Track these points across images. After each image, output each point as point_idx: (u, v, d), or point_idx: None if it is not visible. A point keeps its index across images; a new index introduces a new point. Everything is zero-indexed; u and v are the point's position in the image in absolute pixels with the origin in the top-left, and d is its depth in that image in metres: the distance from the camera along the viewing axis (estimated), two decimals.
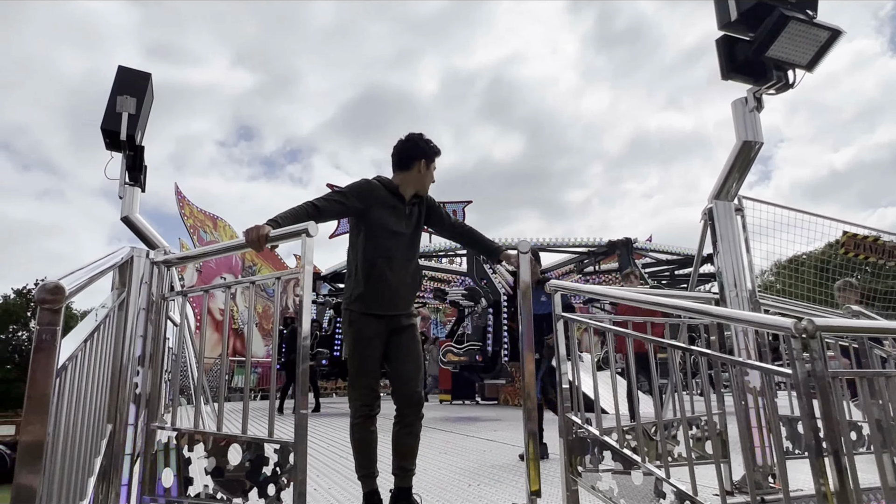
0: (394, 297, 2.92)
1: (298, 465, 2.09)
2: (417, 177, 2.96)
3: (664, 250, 11.97)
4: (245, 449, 2.27)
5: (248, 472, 2.24)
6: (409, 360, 2.94)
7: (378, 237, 2.88)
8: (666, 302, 2.57)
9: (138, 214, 5.47)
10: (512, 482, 3.80)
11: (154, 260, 2.65)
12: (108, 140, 5.47)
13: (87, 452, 1.76)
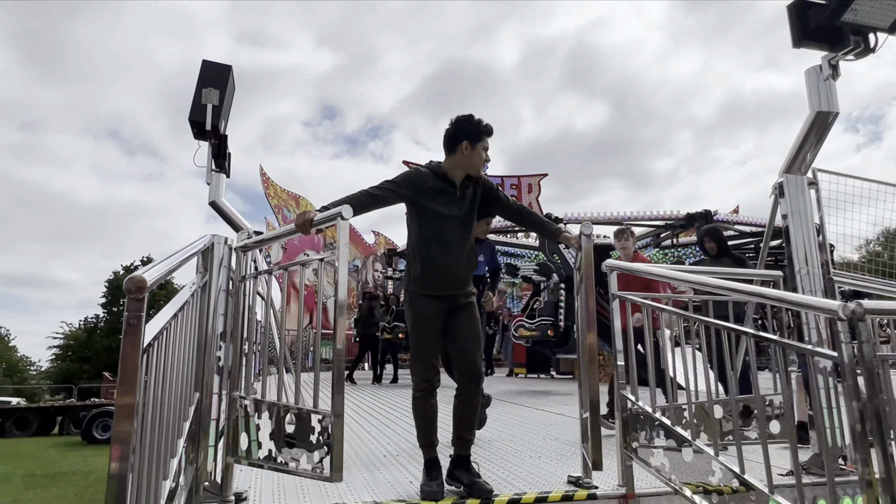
0: (449, 278, 3.02)
1: (335, 433, 2.25)
2: (462, 159, 3.00)
3: (750, 222, 11.43)
4: (296, 417, 2.48)
5: (299, 438, 2.44)
6: (468, 337, 3.03)
7: (430, 222, 2.98)
8: (710, 282, 2.55)
9: (224, 199, 5.88)
10: (575, 456, 3.90)
11: (231, 245, 2.91)
12: (196, 130, 5.90)
13: (176, 417, 2.03)
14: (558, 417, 5.91)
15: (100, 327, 44.19)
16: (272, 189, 16.26)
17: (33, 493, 9.08)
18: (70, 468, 11.70)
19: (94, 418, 17.23)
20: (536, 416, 6.00)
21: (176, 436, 2.01)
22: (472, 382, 3.01)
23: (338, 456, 2.30)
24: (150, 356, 1.52)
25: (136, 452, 1.40)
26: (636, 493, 2.94)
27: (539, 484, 3.12)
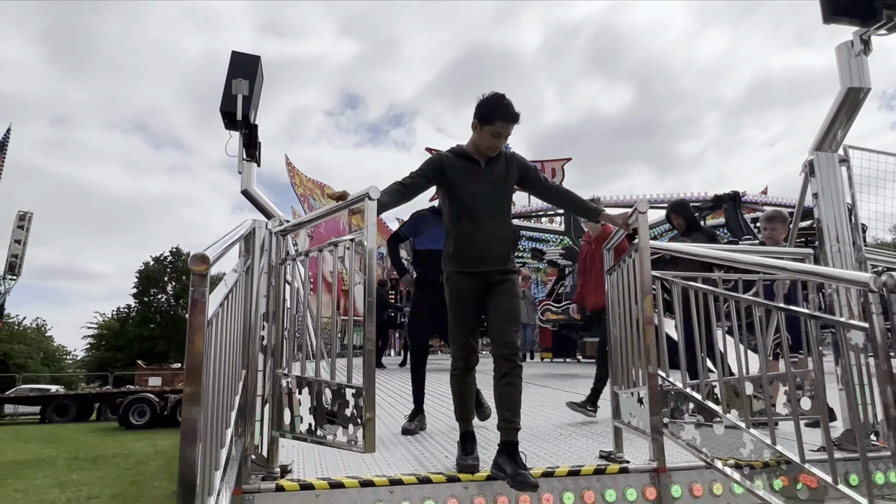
0: (483, 254, 3.00)
1: (367, 406, 2.34)
2: (474, 138, 3.02)
3: (779, 203, 11.27)
4: (333, 392, 2.59)
5: (335, 412, 2.55)
6: (504, 315, 2.99)
7: (459, 200, 3.02)
8: (744, 258, 2.59)
9: (255, 187, 6.02)
10: (604, 434, 3.97)
11: (271, 230, 3.02)
12: (227, 120, 6.03)
13: (229, 391, 2.15)
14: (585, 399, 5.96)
15: (131, 317, 45.30)
16: (298, 178, 16.48)
17: (77, 474, 9.45)
18: (110, 451, 12.11)
19: (130, 404, 17.74)
20: (564, 398, 6.06)
21: (229, 409, 2.13)
22: (510, 361, 2.94)
23: (370, 428, 2.40)
24: (211, 331, 1.63)
25: (202, 417, 1.51)
26: (667, 468, 3.01)
27: (571, 459, 3.20)
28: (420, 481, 2.75)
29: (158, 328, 44.76)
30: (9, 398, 22.07)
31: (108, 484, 8.60)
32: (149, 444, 13.43)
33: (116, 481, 8.80)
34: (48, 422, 20.04)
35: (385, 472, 2.89)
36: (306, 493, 2.62)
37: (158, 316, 45.88)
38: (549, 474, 2.88)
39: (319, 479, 2.70)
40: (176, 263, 47.37)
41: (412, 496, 2.72)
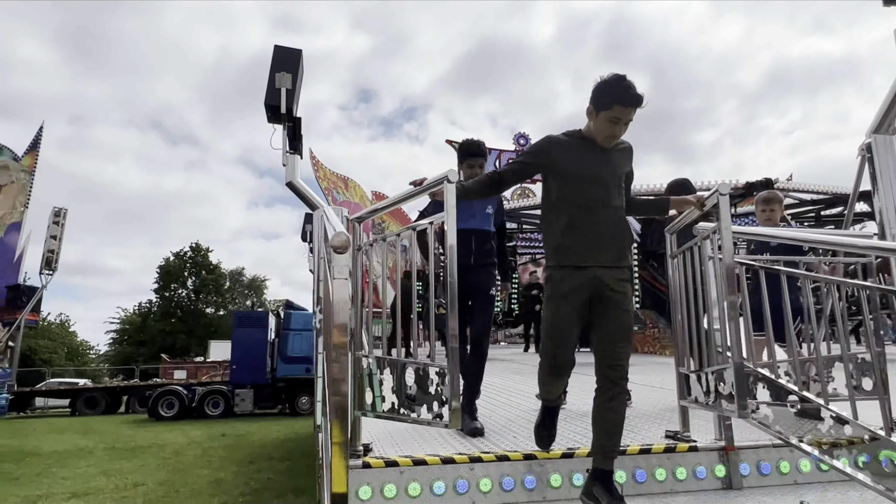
0: (597, 247, 2.61)
1: (452, 385, 2.42)
2: (589, 126, 2.69)
3: (809, 189, 11.20)
4: (416, 371, 2.67)
5: (418, 391, 2.63)
6: (616, 331, 2.63)
7: (570, 184, 2.65)
8: (830, 240, 2.63)
9: (300, 179, 6.11)
10: (663, 417, 4.02)
11: (348, 216, 3.11)
12: (270, 114, 6.13)
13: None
14: (631, 385, 6.01)
15: (153, 312, 45.88)
16: (321, 172, 16.62)
17: (118, 463, 9.68)
18: (145, 442, 12.36)
19: (159, 397, 18.05)
20: None
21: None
22: (618, 385, 2.65)
23: (455, 404, 2.48)
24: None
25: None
26: (735, 446, 3.06)
27: (638, 439, 3.26)
28: (498, 459, 2.84)
29: (180, 322, 45.31)
30: (40, 391, 22.52)
31: (151, 472, 8.80)
32: (181, 434, 13.69)
33: (158, 470, 9.00)
34: (78, 414, 20.45)
35: (457, 448, 2.98)
36: (391, 469, 2.71)
37: (179, 311, 46.43)
38: (622, 452, 2.94)
39: (402, 456, 2.79)
40: (195, 259, 47.87)
41: (491, 473, 2.80)
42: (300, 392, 18.42)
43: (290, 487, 7.49)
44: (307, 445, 11.47)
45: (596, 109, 2.60)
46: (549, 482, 2.84)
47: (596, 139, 2.66)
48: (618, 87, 2.53)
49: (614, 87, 2.54)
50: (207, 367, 26.92)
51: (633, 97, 2.53)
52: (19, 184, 21.81)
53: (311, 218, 14.97)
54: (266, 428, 14.79)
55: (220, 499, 6.95)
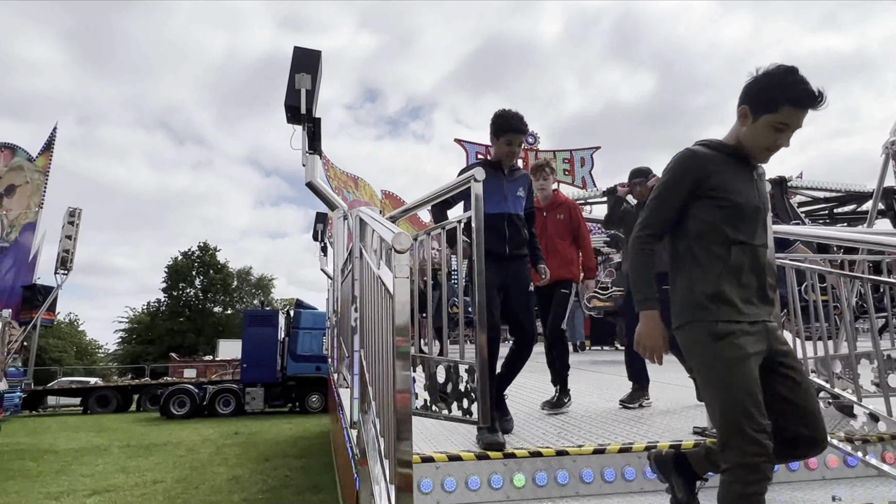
0: (762, 295, 2.12)
1: (481, 382, 2.46)
2: (741, 133, 2.12)
3: (821, 187, 11.19)
4: (446, 369, 2.71)
5: (449, 388, 2.68)
6: (815, 411, 2.06)
7: (727, 213, 2.07)
8: (869, 239, 2.65)
9: (319, 179, 6.17)
10: (688, 414, 4.06)
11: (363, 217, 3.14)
12: (290, 115, 6.19)
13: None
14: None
15: (161, 311, 46.14)
16: (332, 171, 16.68)
17: (135, 461, 9.77)
18: (159, 440, 12.47)
19: (170, 395, 18.17)
20: (624, 382, 6.15)
21: None
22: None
23: (484, 402, 2.52)
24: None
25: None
26: None
27: (667, 436, 3.30)
28: (531, 455, 2.88)
29: (188, 321, 45.55)
30: (52, 390, 22.70)
31: (168, 469, 8.89)
32: (194, 433, 13.80)
33: (175, 467, 9.09)
34: (90, 412, 20.62)
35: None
36: (427, 465, 2.76)
37: (188, 310, 46.68)
38: (652, 447, 2.98)
39: (437, 452, 2.84)
40: (203, 258, 48.10)
41: (524, 468, 2.85)
42: (310, 390, 18.52)
43: (308, 485, 7.56)
44: (321, 443, 11.54)
45: (755, 112, 2.04)
46: (580, 478, 2.89)
47: (751, 152, 2.11)
48: (788, 81, 1.97)
49: (783, 81, 1.98)
50: (217, 365, 27.07)
51: (809, 95, 1.96)
52: (34, 184, 22.00)
53: (323, 217, 15.07)
54: (278, 426, 14.88)
55: (239, 495, 7.02)
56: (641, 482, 2.92)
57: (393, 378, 1.56)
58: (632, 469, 2.93)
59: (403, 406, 1.56)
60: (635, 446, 2.99)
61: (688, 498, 2.35)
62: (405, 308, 1.54)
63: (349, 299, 4.05)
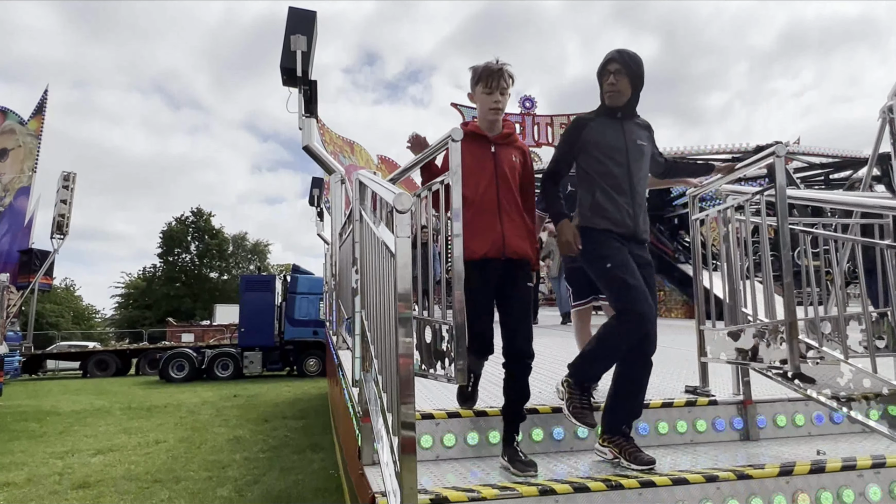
0: None
1: (459, 342, 2.49)
2: None
3: (817, 153, 11.18)
4: (432, 329, 2.75)
5: (434, 347, 2.71)
6: None
7: None
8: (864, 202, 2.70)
9: (316, 143, 6.15)
10: (679, 374, 4.15)
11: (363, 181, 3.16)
12: (286, 77, 6.13)
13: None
14: None
15: (157, 276, 46.23)
16: (327, 136, 16.51)
17: (137, 422, 9.94)
18: (159, 402, 12.65)
19: (169, 359, 18.36)
20: None
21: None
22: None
23: (461, 361, 2.55)
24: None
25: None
26: (753, 400, 3.20)
27: (658, 394, 3.39)
28: (528, 412, 2.96)
29: (184, 287, 45.70)
30: (51, 354, 22.90)
31: (170, 430, 9.06)
32: (193, 395, 13.99)
33: (177, 428, 9.26)
34: (90, 376, 20.86)
35: (489, 403, 3.11)
36: (427, 422, 2.84)
37: (183, 275, 46.76)
38: (645, 406, 3.08)
39: (437, 409, 2.92)
40: (198, 223, 47.96)
41: (523, 425, 2.93)
42: (308, 354, 18.73)
43: (308, 444, 7.73)
44: (318, 405, 11.75)
45: None
46: (576, 433, 2.98)
47: None
48: None
49: None
50: (214, 330, 27.28)
51: None
52: (26, 148, 21.76)
53: (319, 182, 15.01)
54: (276, 389, 15.10)
55: (241, 454, 7.18)
56: (635, 438, 3.02)
57: (395, 343, 1.61)
58: None
59: (406, 370, 1.61)
60: None
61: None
62: (407, 267, 1.57)
63: (348, 262, 4.10)
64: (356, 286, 2.94)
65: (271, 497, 5.25)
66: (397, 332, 1.62)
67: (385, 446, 2.05)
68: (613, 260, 2.74)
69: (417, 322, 2.84)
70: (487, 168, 2.80)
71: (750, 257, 3.15)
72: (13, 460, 7.09)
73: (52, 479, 6.12)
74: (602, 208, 2.83)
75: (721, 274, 3.29)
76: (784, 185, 2.69)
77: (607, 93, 2.92)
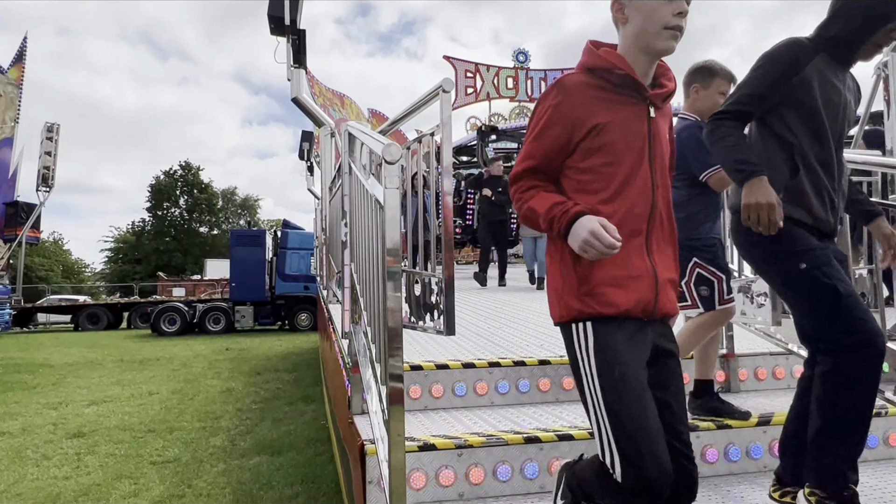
0: None
1: (447, 294, 2.51)
2: None
3: None
4: (421, 282, 2.77)
5: (423, 301, 2.74)
6: None
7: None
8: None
9: (305, 94, 6.03)
10: None
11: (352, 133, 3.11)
12: (273, 26, 5.96)
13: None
14: None
15: (147, 231, 45.92)
16: (317, 88, 16.21)
17: (130, 374, 10.04)
18: (152, 355, 12.76)
19: (161, 313, 18.42)
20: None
21: None
22: None
23: (450, 314, 2.57)
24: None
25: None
26: (735, 354, 3.27)
27: None
28: (515, 364, 3.02)
29: (174, 241, 45.48)
30: (42, 307, 22.90)
31: (163, 382, 9.16)
32: (185, 349, 14.11)
33: (170, 380, 9.36)
34: (81, 329, 20.92)
35: (473, 355, 3.16)
36: (415, 373, 2.89)
37: (173, 229, 46.48)
38: None
39: (426, 361, 2.97)
40: (186, 177, 47.41)
41: (509, 376, 3.00)
42: (299, 309, 18.85)
43: (300, 396, 7.85)
44: (310, 359, 11.89)
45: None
46: (562, 385, 3.05)
47: None
48: None
49: None
50: (205, 284, 27.31)
51: None
52: (7, 97, 21.22)
53: (308, 136, 14.80)
54: (268, 343, 15.24)
55: (234, 406, 7.30)
56: None
57: (383, 296, 1.62)
58: None
59: (394, 323, 1.63)
60: None
61: None
62: (396, 219, 1.57)
63: (338, 216, 4.08)
64: (346, 239, 2.94)
65: (264, 446, 5.36)
66: (384, 285, 1.63)
67: (374, 396, 2.09)
68: (817, 260, 1.91)
69: (407, 275, 2.86)
70: (635, 146, 1.53)
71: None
72: (7, 411, 7.17)
73: (47, 428, 6.21)
74: (802, 193, 1.98)
75: None
76: None
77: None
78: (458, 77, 19.10)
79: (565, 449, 2.35)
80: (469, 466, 2.24)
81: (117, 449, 5.38)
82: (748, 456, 2.53)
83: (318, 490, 4.16)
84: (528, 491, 2.30)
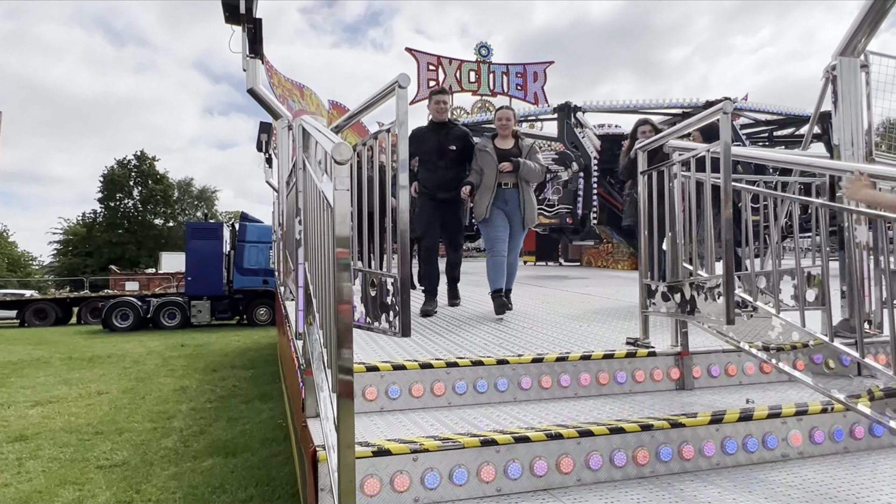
0: None
1: (402, 293, 2.47)
2: None
3: (763, 110, 11.42)
4: (376, 282, 2.72)
5: (379, 300, 2.69)
6: None
7: None
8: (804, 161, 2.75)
9: (262, 86, 5.86)
10: (618, 325, 4.26)
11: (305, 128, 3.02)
12: (228, 14, 5.77)
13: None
14: (585, 297, 6.31)
15: (98, 222, 44.36)
16: (276, 78, 15.81)
17: (78, 373, 9.66)
18: (102, 352, 12.32)
19: (112, 308, 17.82)
20: (565, 296, 6.39)
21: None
22: None
23: (406, 315, 2.53)
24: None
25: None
26: (690, 352, 3.31)
27: (600, 346, 3.47)
28: (473, 363, 2.99)
29: (127, 233, 44.09)
30: None
31: (113, 381, 8.85)
32: (138, 345, 13.68)
33: (120, 378, 9.06)
34: (28, 325, 20.08)
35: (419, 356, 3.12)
36: (372, 374, 2.84)
37: (126, 221, 45.04)
38: (587, 357, 3.15)
39: (383, 362, 2.91)
40: (141, 167, 45.97)
41: (466, 376, 2.97)
42: (258, 303, 18.50)
43: (257, 394, 7.69)
44: (268, 355, 11.67)
45: None
46: (519, 384, 3.03)
47: None
48: None
49: None
50: (160, 278, 26.53)
51: None
52: None
53: (267, 127, 14.46)
54: (225, 338, 14.91)
55: (187, 405, 7.09)
56: (576, 388, 3.10)
57: (334, 289, 1.56)
58: (567, 376, 3.09)
59: (345, 316, 1.57)
60: (571, 356, 3.14)
61: None
62: (346, 220, 1.51)
63: (294, 212, 3.98)
64: (300, 237, 2.85)
65: (217, 447, 5.22)
66: (335, 277, 1.56)
67: (325, 401, 2.02)
68: None
69: (362, 275, 2.79)
70: None
71: (692, 213, 3.19)
72: None
73: None
74: None
75: (665, 228, 3.34)
76: (729, 142, 2.68)
77: None
78: (420, 70, 18.97)
79: (522, 451, 2.33)
80: (425, 471, 2.20)
81: (62, 453, 5.16)
82: (701, 454, 2.56)
83: (272, 493, 4.07)
84: (485, 494, 2.28)
